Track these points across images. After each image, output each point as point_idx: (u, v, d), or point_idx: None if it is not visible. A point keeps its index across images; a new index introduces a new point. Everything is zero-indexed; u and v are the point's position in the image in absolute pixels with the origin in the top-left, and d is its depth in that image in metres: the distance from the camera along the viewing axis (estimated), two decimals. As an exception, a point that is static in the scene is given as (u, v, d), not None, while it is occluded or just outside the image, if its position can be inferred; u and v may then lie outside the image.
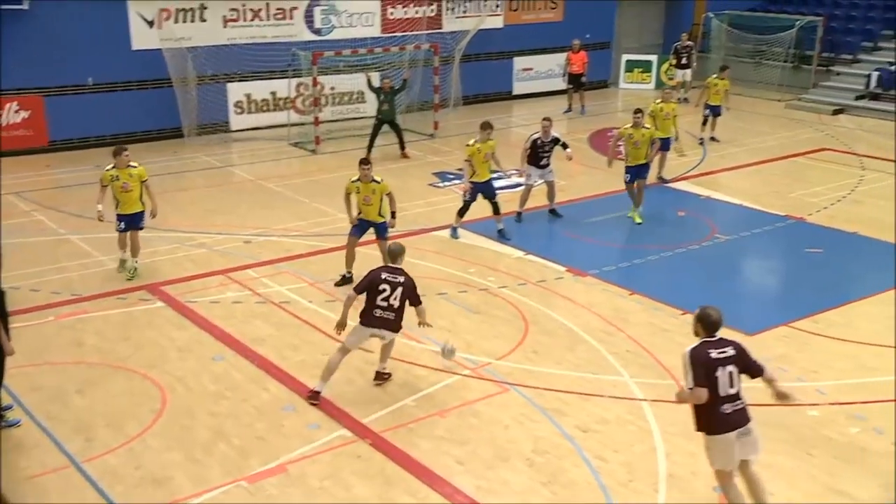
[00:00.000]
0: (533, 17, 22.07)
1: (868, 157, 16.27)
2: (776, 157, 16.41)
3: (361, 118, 18.87)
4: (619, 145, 12.92)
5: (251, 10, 18.16)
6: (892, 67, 20.54)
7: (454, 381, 8.31)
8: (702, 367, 5.87)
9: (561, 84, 21.05)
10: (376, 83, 16.85)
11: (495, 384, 8.26)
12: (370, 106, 18.47)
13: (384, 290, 7.79)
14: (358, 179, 10.17)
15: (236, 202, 13.83)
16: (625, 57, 23.83)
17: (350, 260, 10.47)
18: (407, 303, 7.89)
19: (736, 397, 5.94)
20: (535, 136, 12.73)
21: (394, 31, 19.74)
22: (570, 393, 8.08)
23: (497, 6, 21.36)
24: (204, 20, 17.63)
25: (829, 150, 16.96)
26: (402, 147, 16.53)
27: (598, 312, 9.76)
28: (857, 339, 9.05)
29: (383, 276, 7.86)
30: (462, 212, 12.13)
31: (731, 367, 5.91)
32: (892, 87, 20.09)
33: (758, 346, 8.84)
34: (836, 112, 20.22)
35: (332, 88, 19.03)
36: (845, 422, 7.58)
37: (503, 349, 8.90)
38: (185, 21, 17.44)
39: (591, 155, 16.94)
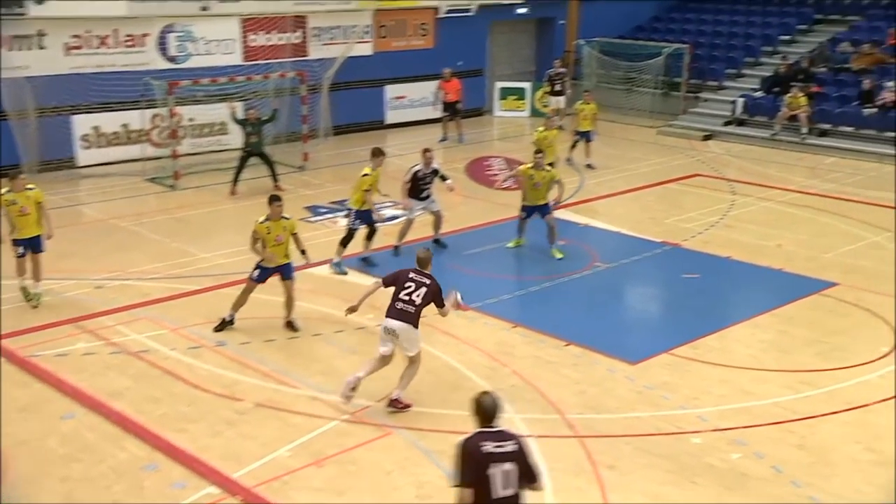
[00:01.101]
0: (403, 45, 22.42)
1: (738, 181, 17.36)
2: (651, 183, 17.23)
3: (224, 150, 18.54)
4: (511, 180, 13.18)
5: (97, 36, 17.59)
6: (756, 94, 22.08)
7: (332, 428, 8.20)
8: (472, 463, 5.15)
9: (435, 112, 21.44)
10: (240, 114, 16.62)
11: (376, 428, 8.21)
12: (233, 137, 18.19)
13: (409, 287, 8.39)
14: (267, 219, 10.00)
15: (86, 244, 13.24)
16: (498, 84, 24.55)
17: (239, 304, 10.20)
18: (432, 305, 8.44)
19: (513, 500, 5.19)
20: (416, 167, 12.89)
21: (256, 59, 19.59)
22: (454, 433, 8.09)
23: (366, 33, 21.60)
24: (43, 48, 16.94)
25: (700, 175, 17.99)
26: (275, 179, 16.38)
27: (481, 347, 9.90)
28: (734, 364, 9.56)
29: (411, 275, 8.48)
30: (345, 241, 12.13)
31: (508, 465, 5.17)
32: (757, 113, 21.57)
33: (641, 375, 9.24)
34: (705, 138, 21.49)
35: (192, 119, 18.63)
36: (727, 448, 7.97)
37: (384, 390, 8.86)
38: (21, 49, 16.70)
39: (468, 185, 17.22)
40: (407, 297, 8.32)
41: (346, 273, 11.99)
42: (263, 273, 10.11)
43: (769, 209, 15.52)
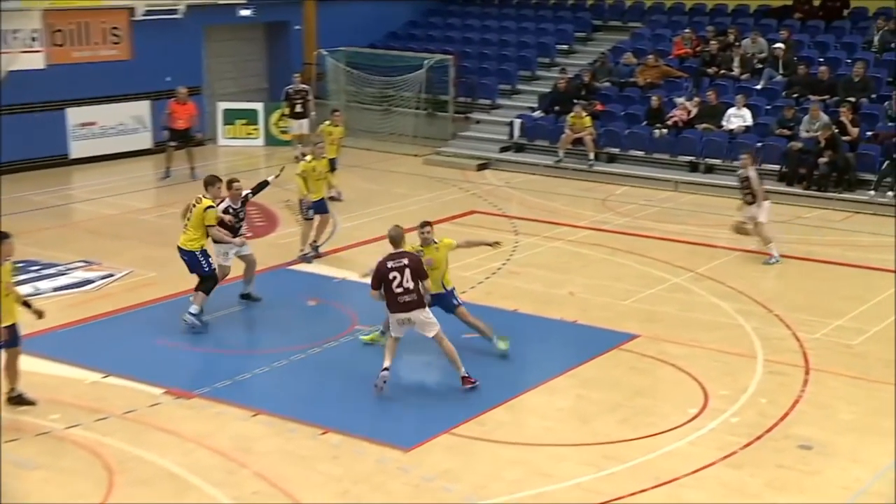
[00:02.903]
0: (89, 56, 21.77)
1: (521, 218, 18.30)
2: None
3: None
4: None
5: None
6: (535, 114, 23.49)
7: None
8: None
9: (142, 142, 20.95)
10: None
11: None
12: None
13: (395, 278, 10.55)
14: None
15: None
16: (222, 105, 24.38)
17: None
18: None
19: None
20: (225, 204, 12.96)
21: None
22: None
23: (34, 39, 20.64)
24: None
25: (478, 212, 18.79)
26: None
27: (212, 445, 9.67)
28: (527, 441, 9.96)
29: (389, 265, 10.62)
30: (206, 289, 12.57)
31: None
32: (537, 136, 22.92)
33: (418, 464, 9.39)
34: (480, 167, 22.52)
35: None
36: (525, 544, 8.25)
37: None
38: None
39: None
40: (400, 289, 10.53)
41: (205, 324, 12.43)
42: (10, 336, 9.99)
43: (558, 250, 16.47)
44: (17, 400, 10.33)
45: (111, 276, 14.39)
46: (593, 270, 15.39)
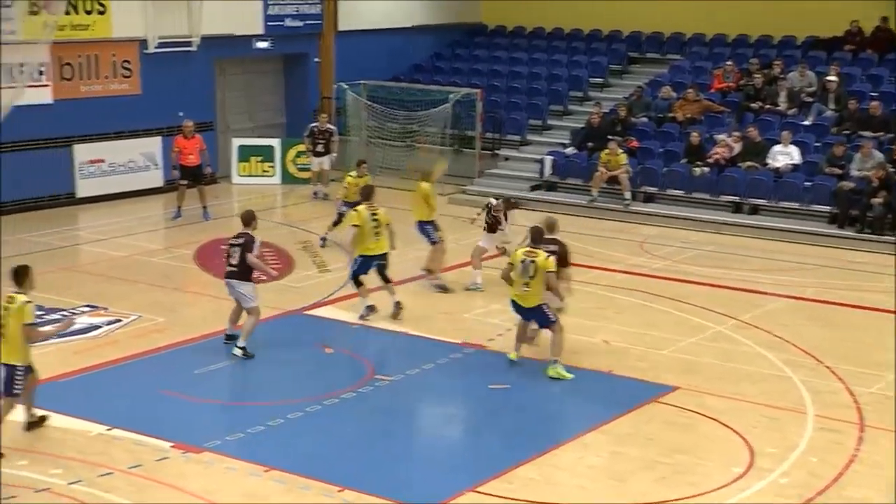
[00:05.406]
0: (99, 90, 21.99)
1: (551, 261, 18.25)
2: (442, 267, 17.73)
3: None
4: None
5: None
6: (567, 150, 23.53)
7: None
8: None
9: (152, 180, 21.08)
10: None
11: None
12: None
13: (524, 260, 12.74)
14: None
15: None
16: (236, 142, 24.57)
17: None
18: None
19: None
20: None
21: None
22: None
23: (41, 73, 20.91)
24: None
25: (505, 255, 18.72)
26: None
27: (221, 502, 9.62)
28: (557, 501, 9.85)
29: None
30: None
31: None
32: (569, 174, 22.94)
33: (440, 524, 9.28)
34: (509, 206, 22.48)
35: None
36: None
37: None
38: None
39: (200, 279, 16.94)
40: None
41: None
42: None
43: (591, 295, 16.38)
44: None
45: (118, 321, 14.45)
46: (628, 317, 15.32)
